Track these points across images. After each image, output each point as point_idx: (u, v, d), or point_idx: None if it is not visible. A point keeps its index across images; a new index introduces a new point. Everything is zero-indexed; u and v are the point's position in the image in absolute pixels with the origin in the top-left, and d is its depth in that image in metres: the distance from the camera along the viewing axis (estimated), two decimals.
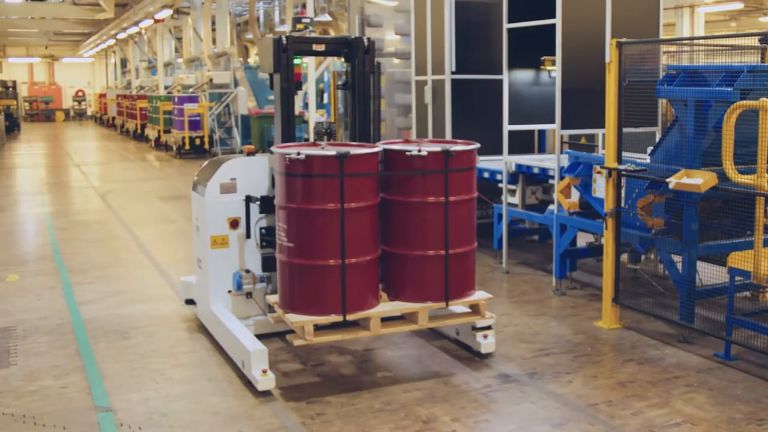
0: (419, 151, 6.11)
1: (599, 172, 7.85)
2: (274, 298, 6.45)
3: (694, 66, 7.12)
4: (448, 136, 10.45)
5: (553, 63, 8.90)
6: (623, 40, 7.35)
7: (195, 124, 25.52)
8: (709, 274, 7.26)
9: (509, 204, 9.63)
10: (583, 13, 8.64)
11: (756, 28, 27.88)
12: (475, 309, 6.56)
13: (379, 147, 6.31)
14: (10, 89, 47.69)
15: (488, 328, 6.76)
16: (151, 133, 30.46)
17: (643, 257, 9.44)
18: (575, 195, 8.53)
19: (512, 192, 9.62)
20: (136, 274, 9.99)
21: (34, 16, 37.88)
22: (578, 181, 8.34)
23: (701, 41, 8.76)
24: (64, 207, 15.48)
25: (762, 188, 6.08)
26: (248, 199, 7.02)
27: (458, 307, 6.65)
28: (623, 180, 7.51)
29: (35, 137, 37.80)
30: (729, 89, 6.49)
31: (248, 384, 6.14)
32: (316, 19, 28.97)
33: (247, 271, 7.07)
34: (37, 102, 57.36)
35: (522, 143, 10.59)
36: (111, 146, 31.83)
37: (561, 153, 8.83)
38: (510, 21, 9.28)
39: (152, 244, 11.59)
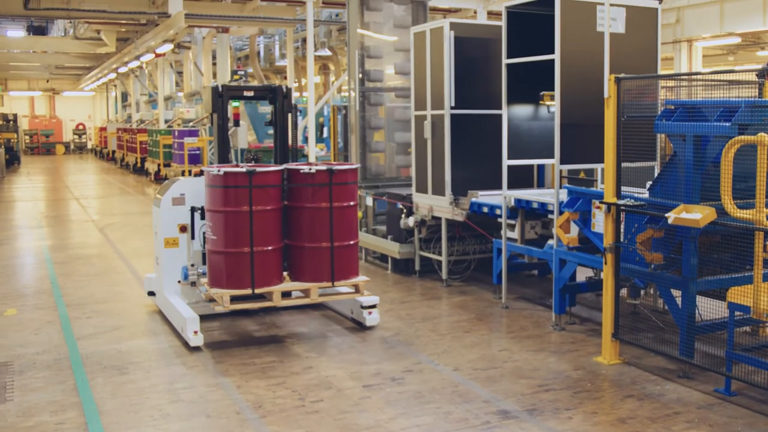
0: (310, 169, 8.27)
1: (598, 207, 7.85)
2: (206, 280, 8.42)
3: (693, 101, 7.15)
4: (447, 170, 10.48)
5: (552, 98, 8.93)
6: (621, 75, 7.39)
7: (195, 158, 25.58)
8: (708, 308, 7.24)
9: (508, 239, 9.62)
10: (581, 48, 8.69)
11: (753, 62, 28.04)
12: (357, 289, 8.50)
13: (281, 167, 8.41)
14: (11, 122, 47.88)
15: (373, 306, 8.87)
16: (151, 166, 30.51)
17: (642, 292, 9.39)
18: (574, 230, 8.53)
19: (511, 227, 9.62)
20: (135, 308, 9.96)
21: (36, 50, 38.04)
22: (577, 216, 8.35)
23: (699, 76, 8.80)
24: (62, 241, 15.46)
25: (761, 223, 6.09)
26: (193, 210, 9.03)
27: (345, 288, 8.71)
28: (622, 215, 7.51)
29: (35, 170, 37.86)
30: (727, 124, 6.51)
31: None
32: (316, 53, 29.16)
33: (192, 265, 9.04)
34: (38, 135, 57.57)
35: (521, 178, 10.61)
36: (110, 180, 31.87)
37: (560, 188, 8.84)
38: (509, 56, 9.34)
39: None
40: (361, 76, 12.90)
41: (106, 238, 15.56)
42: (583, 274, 10.29)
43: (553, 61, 8.59)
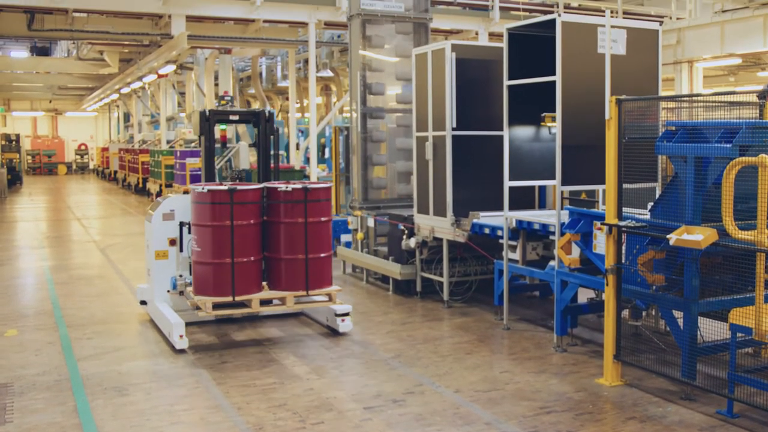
0: (286, 188, 8.98)
1: (600, 229, 7.85)
2: (191, 288, 9.16)
3: (693, 122, 7.16)
4: (449, 191, 10.50)
5: (554, 119, 8.96)
6: (622, 97, 7.41)
7: (197, 179, 25.57)
8: (710, 330, 7.23)
9: (510, 260, 9.62)
10: (582, 70, 8.72)
11: (754, 83, 28.09)
12: (330, 298, 9.25)
13: (261, 185, 9.17)
14: (14, 143, 47.99)
15: (346, 314, 9.54)
16: (152, 187, 30.53)
17: (644, 313, 9.40)
18: (576, 251, 8.52)
19: (513, 248, 9.62)
20: (136, 329, 9.95)
21: (39, 71, 38.19)
22: (579, 237, 8.34)
23: (700, 97, 8.81)
24: (64, 261, 15.46)
25: (762, 244, 6.08)
26: (182, 224, 9.75)
27: (320, 297, 9.38)
28: (624, 236, 7.51)
29: (37, 191, 37.90)
30: (728, 146, 6.52)
31: None
32: (318, 74, 29.27)
33: (180, 276, 9.73)
34: (40, 155, 57.68)
35: (523, 199, 10.61)
36: (112, 200, 31.90)
37: (561, 209, 8.85)
38: (510, 78, 9.37)
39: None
40: (362, 96, 12.92)
41: (108, 259, 15.56)
42: (584, 296, 10.27)
43: (554, 82, 8.62)
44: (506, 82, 9.41)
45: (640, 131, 7.80)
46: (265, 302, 9.10)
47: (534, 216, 9.57)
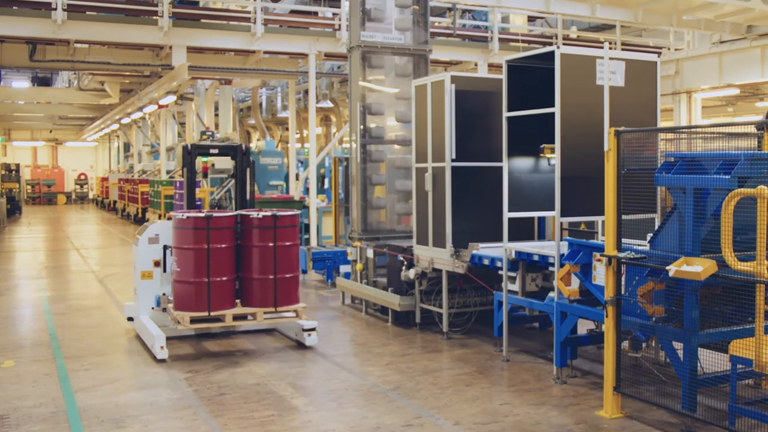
0: (258, 215, 10.03)
1: (599, 260, 7.84)
2: (172, 305, 10.14)
3: (692, 154, 7.17)
4: (448, 222, 10.50)
5: (553, 151, 8.98)
6: (621, 128, 7.44)
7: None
8: (710, 361, 7.19)
9: (509, 291, 9.60)
10: (581, 101, 8.75)
11: (753, 113, 28.17)
12: (297, 314, 10.28)
13: (235, 212, 10.27)
14: (13, 172, 48.05)
15: (312, 329, 10.45)
16: (152, 217, 30.54)
17: (644, 345, 9.37)
18: (575, 282, 8.50)
19: (512, 279, 9.60)
20: (134, 360, 9.90)
21: (40, 101, 38.36)
22: (578, 269, 8.33)
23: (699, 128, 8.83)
24: (62, 291, 15.42)
25: (762, 275, 6.07)
26: (165, 247, 10.68)
27: (289, 313, 10.28)
28: (623, 267, 7.49)
29: (36, 220, 37.90)
30: (727, 177, 6.52)
31: None
32: (318, 105, 29.38)
33: (164, 294, 10.69)
34: (40, 185, 57.74)
35: (522, 230, 10.60)
36: (111, 230, 31.89)
37: (561, 240, 8.84)
38: (509, 109, 9.40)
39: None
40: (362, 127, 12.96)
41: (106, 289, 15.52)
42: (584, 327, 10.24)
43: (553, 114, 8.64)
44: (505, 114, 9.44)
45: (638, 162, 7.81)
46: (238, 317, 10.12)
47: (533, 247, 9.56)
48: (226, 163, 26.81)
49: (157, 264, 10.78)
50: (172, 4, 19.65)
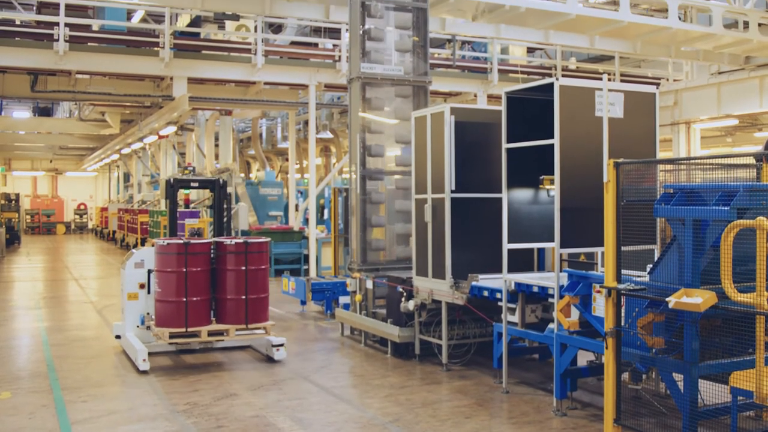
0: (231, 242, 11.09)
1: (599, 291, 7.83)
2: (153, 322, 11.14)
3: (691, 185, 7.18)
4: (448, 253, 10.50)
5: (552, 182, 8.98)
6: (620, 160, 7.44)
7: None
8: (711, 393, 7.15)
9: (509, 322, 9.57)
10: (580, 133, 8.78)
11: (751, 143, 28.25)
12: (266, 331, 11.24)
13: (211, 239, 11.38)
14: (13, 202, 48.07)
15: (281, 345, 11.55)
16: None
17: (644, 376, 9.31)
18: (575, 314, 8.48)
19: (512, 310, 9.57)
20: (132, 392, 9.85)
21: (40, 131, 38.49)
22: (578, 300, 8.31)
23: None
24: (60, 322, 15.37)
25: (761, 307, 6.05)
26: (149, 271, 11.57)
27: (258, 330, 11.20)
28: (623, 299, 7.48)
29: (35, 250, 37.87)
30: (726, 208, 6.53)
31: None
32: (318, 136, 29.46)
33: (148, 314, 11.62)
34: (39, 215, 57.74)
35: (521, 261, 10.58)
36: (110, 260, 31.84)
37: (560, 271, 8.82)
38: (509, 141, 9.43)
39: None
40: (361, 158, 12.97)
41: (105, 320, 15.46)
42: (584, 358, 10.19)
43: (552, 145, 8.66)
44: (505, 145, 9.46)
45: (638, 194, 7.81)
46: (212, 333, 11.01)
47: (533, 278, 9.54)
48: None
49: (142, 286, 11.77)
50: (174, 36, 19.78)
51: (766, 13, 18.78)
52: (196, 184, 13.09)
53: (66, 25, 18.31)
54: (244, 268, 11.00)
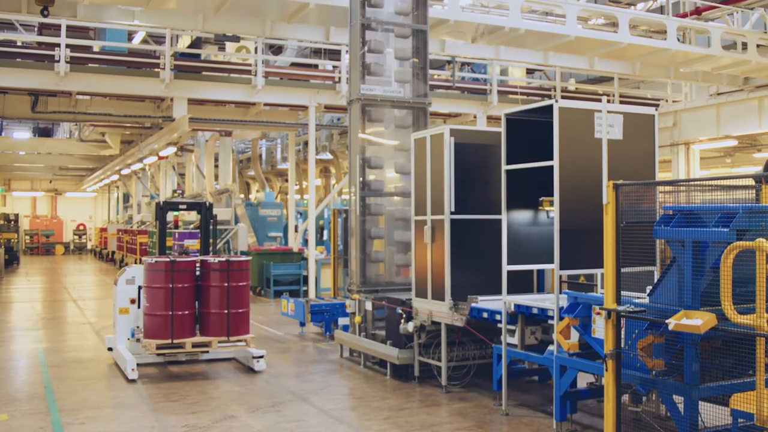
0: (215, 260, 11.95)
1: (598, 313, 7.81)
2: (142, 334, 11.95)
3: (690, 207, 7.18)
4: (447, 275, 10.48)
5: (552, 203, 8.98)
6: (620, 182, 7.44)
7: None
8: (711, 415, 7.11)
9: (508, 344, 9.54)
10: (580, 154, 8.79)
11: (751, 164, 28.28)
12: (246, 342, 12.05)
13: (196, 258, 12.24)
14: (12, 222, 48.04)
15: (261, 356, 12.38)
16: None
17: (644, 398, 9.26)
18: (575, 335, 8.46)
19: (511, 332, 9.54)
20: (129, 414, 9.80)
21: (40, 152, 38.52)
22: (578, 322, 8.28)
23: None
24: (58, 343, 15.33)
25: (761, 329, 6.03)
26: (140, 287, 12.32)
27: (240, 342, 12.02)
28: (623, 321, 7.45)
29: (34, 271, 37.81)
30: (725, 230, 6.52)
31: None
32: (317, 157, 29.51)
33: (138, 327, 12.33)
34: (38, 235, 57.63)
35: (521, 282, 10.57)
36: (109, 281, 31.76)
37: (560, 293, 8.81)
38: (508, 162, 9.43)
39: (145, 383, 11.42)
40: (361, 180, 12.97)
41: (103, 341, 15.39)
42: (584, 380, 10.16)
43: (552, 166, 8.67)
44: (504, 167, 9.47)
45: (637, 215, 7.80)
46: (196, 345, 11.79)
47: (532, 300, 9.53)
48: (225, 214, 26.93)
49: (132, 301, 12.55)
50: (174, 57, 19.84)
51: (764, 34, 18.88)
52: (185, 207, 14.29)
53: (67, 46, 18.37)
54: (226, 284, 11.84)
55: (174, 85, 19.51)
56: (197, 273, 12.08)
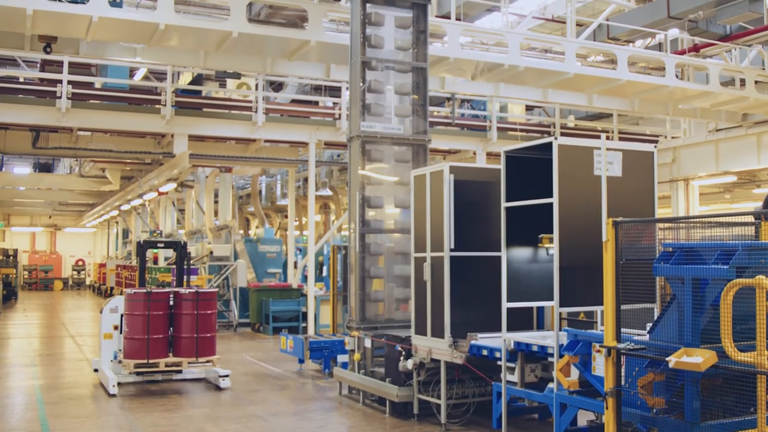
0: (186, 292, 13.87)
1: (599, 351, 7.77)
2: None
3: (690, 244, 7.18)
4: (447, 312, 10.45)
5: (551, 240, 8.98)
6: (619, 219, 7.45)
7: None
8: None
9: (508, 382, 9.49)
10: (579, 191, 8.81)
11: (750, 200, 28.32)
12: (212, 362, 13.91)
13: (170, 289, 14.26)
14: (11, 258, 47.96)
15: (226, 375, 14.02)
16: None
17: None
18: (575, 373, 8.41)
19: (511, 369, 9.50)
20: None
21: (40, 187, 38.58)
22: (578, 359, 8.25)
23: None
24: (55, 380, 15.24)
25: (762, 366, 6.01)
26: (122, 315, 13.94)
27: (207, 363, 13.94)
28: (623, 358, 7.42)
29: (32, 306, 37.69)
30: (725, 267, 6.52)
31: None
32: (317, 193, 29.56)
33: (120, 350, 13.98)
34: (37, 271, 57.44)
35: (521, 319, 10.54)
36: None
37: (560, 330, 8.78)
38: (508, 200, 9.44)
39: (143, 422, 11.34)
40: (361, 215, 12.97)
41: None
42: (584, 418, 10.09)
43: (551, 203, 8.68)
44: (504, 204, 9.48)
45: (637, 252, 7.80)
46: (169, 364, 13.65)
47: (532, 337, 9.49)
48: (225, 250, 26.92)
49: (116, 327, 14.25)
50: (175, 93, 19.95)
51: (762, 70, 19.01)
52: (162, 245, 16.97)
53: (69, 82, 18.50)
54: (195, 312, 13.74)
55: (175, 121, 19.60)
56: (171, 302, 13.91)
